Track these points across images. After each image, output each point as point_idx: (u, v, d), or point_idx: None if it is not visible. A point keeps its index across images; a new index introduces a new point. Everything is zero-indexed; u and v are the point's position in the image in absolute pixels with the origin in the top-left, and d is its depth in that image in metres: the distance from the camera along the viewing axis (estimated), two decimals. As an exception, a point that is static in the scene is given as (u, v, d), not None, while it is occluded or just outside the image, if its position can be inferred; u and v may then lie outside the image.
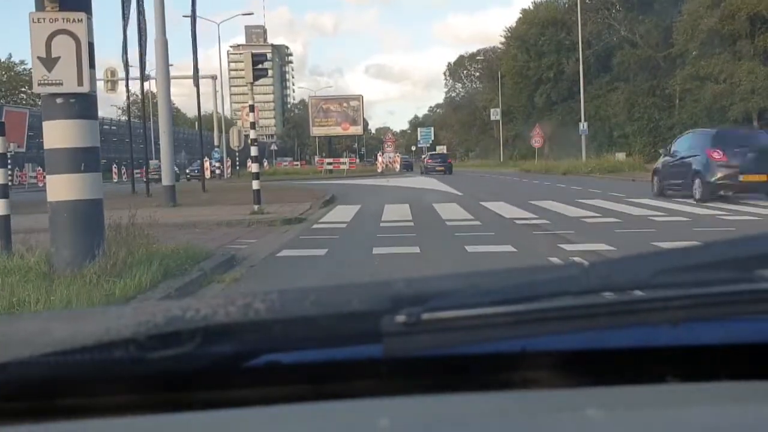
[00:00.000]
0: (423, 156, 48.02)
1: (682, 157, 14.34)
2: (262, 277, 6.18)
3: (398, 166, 45.71)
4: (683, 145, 14.89)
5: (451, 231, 9.16)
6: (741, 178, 12.88)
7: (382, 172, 39.94)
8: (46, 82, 5.22)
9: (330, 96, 57.00)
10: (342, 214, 12.53)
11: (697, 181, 13.40)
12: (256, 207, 12.06)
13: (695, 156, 13.76)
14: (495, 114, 62.49)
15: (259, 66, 12.96)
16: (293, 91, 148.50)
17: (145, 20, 19.68)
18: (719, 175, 13.00)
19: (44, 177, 8.78)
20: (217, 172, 39.61)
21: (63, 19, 5.20)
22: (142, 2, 19.36)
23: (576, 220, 10.19)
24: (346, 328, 0.68)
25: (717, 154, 13.18)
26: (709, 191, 13.10)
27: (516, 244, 7.59)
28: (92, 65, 5.31)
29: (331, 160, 43.06)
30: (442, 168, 38.19)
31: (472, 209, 12.63)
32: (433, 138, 71.93)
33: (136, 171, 26.05)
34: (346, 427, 0.62)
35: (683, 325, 0.70)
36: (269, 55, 76.99)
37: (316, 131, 51.21)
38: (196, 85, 21.29)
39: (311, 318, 0.67)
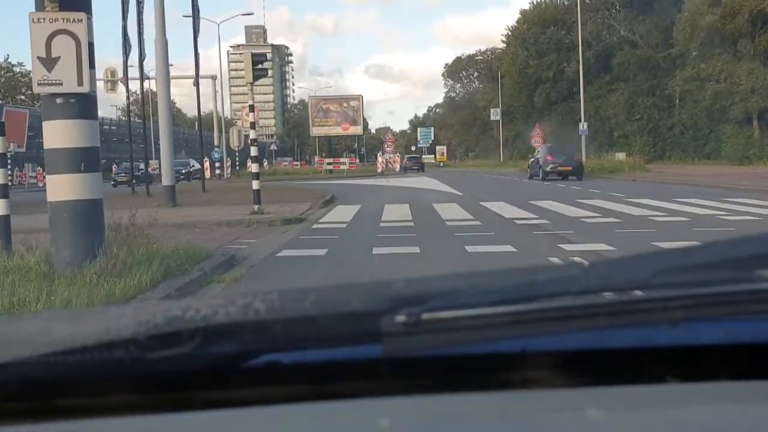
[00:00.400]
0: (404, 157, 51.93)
1: (537, 159, 28.71)
2: (262, 277, 6.18)
3: (398, 166, 45.71)
4: (538, 152, 29.63)
5: (451, 231, 9.16)
6: (559, 168, 26.31)
7: (382, 172, 39.95)
8: (46, 82, 5.22)
9: (330, 96, 57.00)
10: (342, 214, 12.53)
11: (540, 169, 27.19)
12: (256, 207, 12.06)
13: (541, 158, 27.82)
14: (495, 114, 62.45)
15: (259, 66, 12.97)
16: (293, 91, 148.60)
17: (143, 20, 19.69)
18: (549, 167, 26.50)
19: (44, 177, 8.78)
20: (217, 172, 39.55)
21: (63, 19, 5.20)
22: (142, 2, 19.36)
23: (576, 220, 10.19)
24: (346, 328, 0.68)
25: (549, 157, 26.94)
26: (545, 174, 26.43)
27: (516, 244, 7.59)
28: (92, 65, 5.31)
29: (331, 160, 43.05)
30: (416, 167, 46.55)
31: (472, 209, 12.63)
32: (433, 138, 71.86)
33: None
34: (346, 427, 0.62)
35: (683, 325, 0.70)
36: (269, 55, 77.01)
37: (316, 131, 51.21)
38: (196, 84, 21.30)
39: (311, 318, 0.67)
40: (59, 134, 5.32)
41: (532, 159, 29.88)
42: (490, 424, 0.61)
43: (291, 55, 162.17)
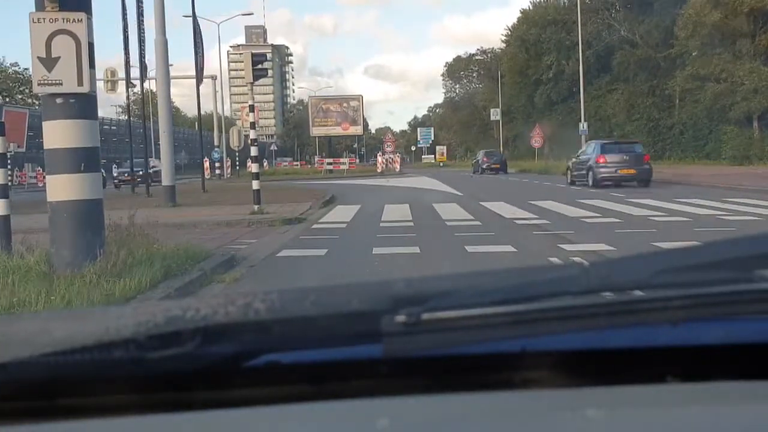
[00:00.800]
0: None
1: (477, 160, 39.01)
2: (262, 277, 6.18)
3: (398, 167, 45.70)
4: (477, 155, 40.25)
5: (451, 231, 9.16)
6: (492, 166, 36.76)
7: (382, 173, 39.92)
8: (46, 82, 5.22)
9: (330, 96, 56.93)
10: (342, 214, 12.53)
11: (479, 167, 37.58)
12: (256, 207, 12.06)
13: (479, 159, 38.53)
14: (495, 114, 62.38)
15: (259, 66, 12.96)
16: (293, 91, 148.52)
17: (143, 20, 19.69)
18: (485, 165, 36.68)
19: (44, 177, 8.78)
20: (217, 172, 39.43)
21: (63, 19, 5.20)
22: (141, 2, 19.37)
23: (576, 220, 10.19)
24: (346, 328, 0.68)
25: (485, 159, 37.35)
26: (482, 171, 36.53)
27: (516, 244, 7.59)
28: (92, 65, 5.31)
29: (331, 160, 43.01)
30: None
31: (472, 209, 12.63)
32: (433, 138, 71.84)
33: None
34: (346, 427, 0.62)
35: (683, 325, 0.70)
36: (269, 55, 77.00)
37: (315, 131, 51.17)
38: (198, 84, 21.30)
39: (311, 318, 0.67)
40: (59, 134, 5.32)
41: (474, 160, 41.26)
42: (490, 424, 0.61)
43: (291, 55, 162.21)
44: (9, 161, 8.31)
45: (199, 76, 21.02)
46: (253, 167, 13.14)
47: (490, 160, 37.24)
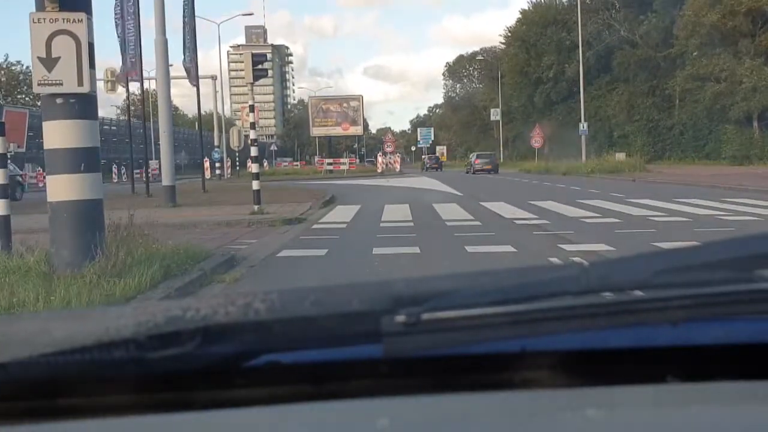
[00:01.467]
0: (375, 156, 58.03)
1: (424, 161, 58.39)
2: (262, 277, 6.18)
3: (398, 167, 45.67)
4: (425, 158, 59.18)
5: (451, 231, 9.16)
6: (433, 165, 53.90)
7: (382, 173, 39.90)
8: (46, 82, 5.22)
9: (330, 96, 57.00)
10: (342, 214, 12.53)
11: (425, 166, 55.25)
12: (256, 207, 12.07)
13: (426, 159, 58.86)
14: (495, 114, 62.42)
15: (259, 66, 12.96)
16: (293, 92, 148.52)
17: (139, 20, 19.66)
18: (429, 164, 53.99)
19: (44, 177, 8.78)
20: (218, 172, 39.37)
21: (63, 19, 5.20)
22: (137, 2, 19.35)
23: (576, 221, 10.19)
24: (346, 328, 0.68)
25: (428, 161, 56.48)
26: (427, 169, 52.85)
27: (516, 244, 7.59)
28: (92, 65, 5.31)
29: (331, 160, 43.03)
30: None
31: (472, 209, 12.63)
32: (433, 138, 71.86)
33: (135, 171, 26.17)
34: (346, 427, 0.62)
35: (683, 325, 0.70)
36: (269, 56, 77.02)
37: (316, 131, 51.23)
38: (196, 84, 21.29)
39: (311, 318, 0.67)
40: (59, 134, 5.32)
41: (423, 162, 57.47)
42: (490, 424, 0.61)
43: (291, 55, 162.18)
44: (9, 161, 8.30)
45: (196, 80, 21.01)
46: (253, 167, 13.15)
47: (431, 162, 54.39)
